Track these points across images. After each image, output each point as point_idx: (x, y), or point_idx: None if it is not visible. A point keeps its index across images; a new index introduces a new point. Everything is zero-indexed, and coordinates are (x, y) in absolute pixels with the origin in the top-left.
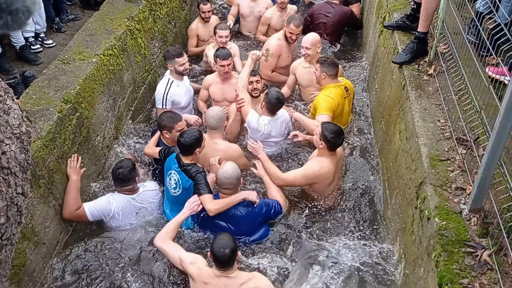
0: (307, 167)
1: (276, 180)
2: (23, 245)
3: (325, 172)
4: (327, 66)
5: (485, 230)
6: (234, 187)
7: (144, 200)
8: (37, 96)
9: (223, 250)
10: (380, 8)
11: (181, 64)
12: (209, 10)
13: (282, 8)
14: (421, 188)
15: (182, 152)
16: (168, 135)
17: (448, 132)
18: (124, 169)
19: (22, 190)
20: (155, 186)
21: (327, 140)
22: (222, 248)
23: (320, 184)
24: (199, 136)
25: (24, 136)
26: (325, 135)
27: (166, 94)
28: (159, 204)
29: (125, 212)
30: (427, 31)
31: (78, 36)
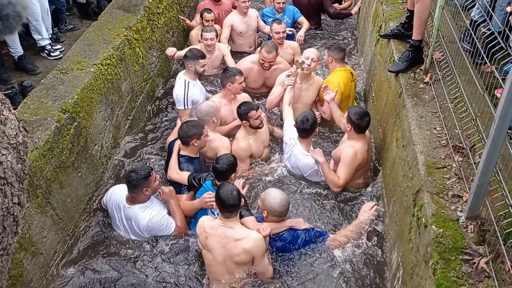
0: (345, 156)
1: (336, 187)
2: (20, 255)
3: (360, 156)
4: (333, 50)
5: (482, 237)
6: (287, 211)
7: (129, 218)
8: (35, 106)
9: (231, 192)
10: (377, 17)
11: (202, 65)
12: (212, 19)
13: (280, 44)
14: (418, 195)
15: (218, 178)
16: (197, 142)
17: (445, 140)
18: (136, 174)
19: (18, 200)
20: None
21: (353, 122)
22: (229, 191)
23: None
24: (234, 161)
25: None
26: (350, 117)
27: (186, 95)
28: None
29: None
30: (421, 39)
31: (76, 46)
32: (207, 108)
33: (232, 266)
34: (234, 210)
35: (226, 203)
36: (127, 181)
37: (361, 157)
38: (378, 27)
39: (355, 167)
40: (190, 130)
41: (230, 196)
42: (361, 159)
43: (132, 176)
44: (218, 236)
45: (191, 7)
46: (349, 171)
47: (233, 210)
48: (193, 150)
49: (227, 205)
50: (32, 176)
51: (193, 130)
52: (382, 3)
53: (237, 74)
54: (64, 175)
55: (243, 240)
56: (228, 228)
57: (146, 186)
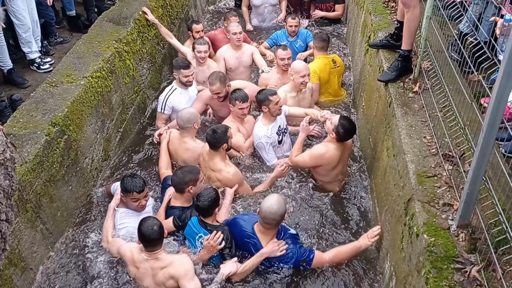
0: (314, 149)
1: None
2: (9, 271)
3: (330, 156)
4: (315, 39)
5: (473, 245)
6: (277, 224)
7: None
8: (25, 120)
9: (152, 227)
10: (365, 27)
11: (185, 75)
12: (202, 29)
13: (284, 70)
14: (410, 204)
15: (202, 215)
16: (193, 189)
17: (434, 149)
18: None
19: (6, 216)
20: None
21: (338, 133)
22: (150, 226)
23: (324, 167)
24: (215, 196)
25: (8, 162)
26: (338, 129)
27: (166, 100)
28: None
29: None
30: (410, 49)
31: (66, 59)
32: (188, 115)
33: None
34: (157, 244)
35: (148, 238)
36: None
37: (328, 159)
38: (367, 37)
39: (315, 161)
40: (186, 176)
41: (151, 231)
42: (327, 160)
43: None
44: (145, 269)
45: (181, 19)
46: (307, 160)
47: (156, 244)
48: (187, 198)
49: (149, 240)
50: (21, 191)
51: (189, 176)
52: (370, 14)
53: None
54: (54, 189)
55: (169, 267)
56: (153, 260)
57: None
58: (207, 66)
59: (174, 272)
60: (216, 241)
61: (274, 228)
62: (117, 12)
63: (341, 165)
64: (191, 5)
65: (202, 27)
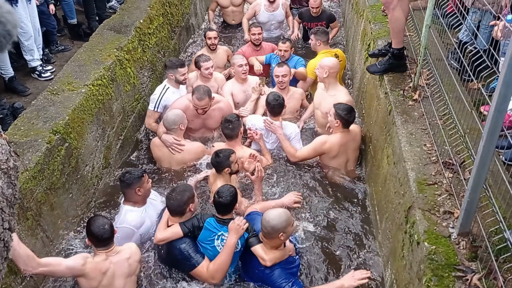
0: (315, 140)
1: (291, 157)
2: (9, 279)
3: (330, 146)
4: (320, 34)
5: (474, 253)
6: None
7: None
8: (26, 128)
9: (103, 227)
10: (365, 35)
11: (182, 74)
12: (215, 36)
13: (281, 89)
14: (410, 212)
15: (223, 212)
16: (193, 206)
17: (435, 156)
18: (130, 174)
19: (9, 225)
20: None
21: (341, 118)
22: (101, 226)
23: (326, 155)
24: (235, 190)
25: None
26: (339, 115)
27: (160, 98)
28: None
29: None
30: (400, 47)
31: (67, 67)
32: (174, 117)
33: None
34: (110, 242)
35: (100, 238)
36: (121, 181)
37: (328, 147)
38: (366, 45)
39: (318, 151)
40: (183, 196)
41: (103, 231)
42: (328, 148)
43: (126, 176)
44: (110, 269)
45: (182, 27)
46: (311, 151)
47: (109, 242)
48: (186, 218)
49: (101, 239)
50: (22, 199)
51: (186, 194)
52: (370, 22)
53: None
54: (55, 197)
55: (133, 255)
56: (112, 256)
57: (139, 186)
58: (214, 79)
59: (138, 257)
60: (241, 220)
61: (270, 241)
62: (118, 20)
63: (344, 155)
64: (191, 13)
65: (216, 34)
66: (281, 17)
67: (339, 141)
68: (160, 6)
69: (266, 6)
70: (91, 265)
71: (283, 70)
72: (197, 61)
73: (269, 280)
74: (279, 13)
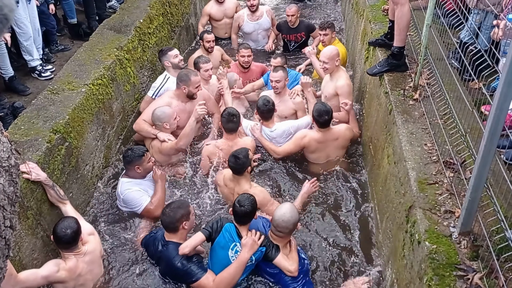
0: (296, 134)
1: (274, 153)
2: None
3: (308, 140)
4: (332, 26)
5: (475, 253)
6: (289, 232)
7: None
8: (26, 127)
9: (65, 230)
10: (365, 35)
11: (174, 56)
12: (213, 39)
13: (276, 93)
14: (411, 212)
15: (243, 222)
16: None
17: (435, 156)
18: (132, 152)
19: (10, 223)
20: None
21: (314, 119)
22: (63, 229)
23: (306, 149)
24: (254, 199)
25: (13, 169)
26: (313, 113)
27: (161, 87)
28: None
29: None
30: (402, 46)
31: (67, 66)
32: (159, 114)
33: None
34: (70, 246)
35: (59, 240)
36: (123, 157)
37: (307, 141)
38: (367, 45)
39: (298, 145)
40: (177, 213)
41: (63, 234)
42: (307, 143)
43: (128, 152)
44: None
45: (181, 27)
46: (291, 145)
47: (69, 246)
48: (182, 235)
49: (59, 242)
50: (22, 198)
51: (180, 211)
52: (370, 22)
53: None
54: None
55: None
56: (83, 255)
57: (139, 164)
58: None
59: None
60: (256, 235)
61: (287, 236)
62: (118, 20)
63: (323, 152)
64: (191, 13)
65: (213, 37)
66: (267, 25)
67: (317, 138)
68: (160, 5)
69: (249, 16)
70: (65, 272)
71: (277, 75)
72: (197, 62)
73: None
74: (265, 21)
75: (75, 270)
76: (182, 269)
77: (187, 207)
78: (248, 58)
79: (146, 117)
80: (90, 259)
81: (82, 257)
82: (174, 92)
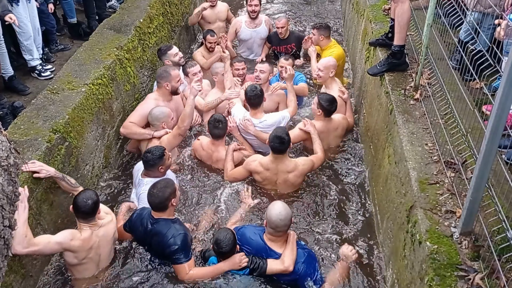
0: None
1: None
2: (9, 278)
3: (255, 166)
4: (323, 29)
5: (476, 253)
6: (288, 228)
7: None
8: (26, 126)
9: (86, 201)
10: (366, 35)
11: (174, 54)
12: (215, 41)
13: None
14: (412, 212)
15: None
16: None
17: (436, 156)
18: (152, 155)
19: (9, 223)
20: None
21: (323, 108)
22: (85, 199)
23: (308, 140)
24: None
25: (12, 168)
26: (321, 103)
27: None
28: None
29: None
30: (402, 44)
31: (67, 66)
32: (158, 113)
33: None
34: (89, 217)
35: (79, 210)
36: (144, 161)
37: (253, 167)
38: (367, 45)
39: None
40: (165, 192)
41: (84, 204)
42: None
43: (148, 156)
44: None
45: (182, 27)
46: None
47: (88, 217)
48: (171, 212)
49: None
50: None
51: (168, 190)
52: (371, 22)
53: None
54: (55, 196)
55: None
56: (97, 230)
57: (161, 164)
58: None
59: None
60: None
61: (284, 233)
62: (118, 19)
63: (325, 141)
64: (191, 13)
65: (216, 39)
66: (264, 34)
67: (320, 128)
68: (160, 5)
69: (248, 22)
70: (79, 242)
71: (263, 66)
72: (184, 67)
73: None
74: (262, 30)
75: (88, 241)
76: (173, 245)
77: (172, 185)
78: (243, 71)
79: (135, 120)
80: (104, 234)
81: (97, 230)
82: (156, 93)
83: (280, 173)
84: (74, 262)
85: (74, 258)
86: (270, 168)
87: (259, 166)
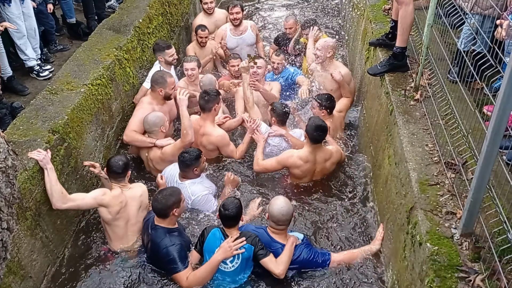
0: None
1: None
2: (9, 279)
3: (293, 161)
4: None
5: (477, 254)
6: (289, 222)
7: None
8: (25, 127)
9: (117, 161)
10: (366, 35)
11: (170, 55)
12: (206, 36)
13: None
14: (412, 213)
15: (229, 225)
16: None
17: (437, 157)
18: (189, 155)
19: (7, 225)
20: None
21: (326, 107)
22: (117, 160)
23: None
24: (240, 203)
25: (10, 170)
26: (324, 104)
27: None
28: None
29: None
30: (404, 46)
31: (66, 66)
32: (154, 119)
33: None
34: (119, 177)
35: (111, 169)
36: (180, 161)
37: (292, 162)
38: (367, 45)
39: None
40: (169, 200)
41: (115, 164)
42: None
43: (186, 156)
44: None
45: (181, 27)
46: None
47: (118, 177)
48: (171, 221)
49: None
50: (21, 198)
51: (172, 198)
52: (371, 22)
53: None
54: None
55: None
56: (126, 191)
57: (196, 166)
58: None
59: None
60: (236, 245)
61: (287, 227)
62: (117, 19)
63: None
64: (191, 13)
65: (208, 34)
66: (251, 40)
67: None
68: (159, 5)
69: (232, 30)
70: (109, 196)
71: (258, 62)
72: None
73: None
74: (248, 36)
75: (118, 197)
76: (166, 256)
77: (178, 194)
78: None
79: (135, 127)
80: (131, 195)
81: (126, 190)
82: (150, 97)
83: (319, 163)
84: (108, 217)
85: (108, 214)
86: (310, 159)
87: (299, 160)
